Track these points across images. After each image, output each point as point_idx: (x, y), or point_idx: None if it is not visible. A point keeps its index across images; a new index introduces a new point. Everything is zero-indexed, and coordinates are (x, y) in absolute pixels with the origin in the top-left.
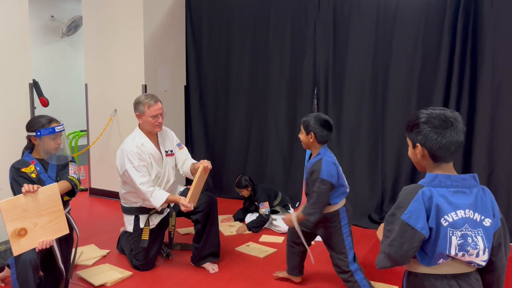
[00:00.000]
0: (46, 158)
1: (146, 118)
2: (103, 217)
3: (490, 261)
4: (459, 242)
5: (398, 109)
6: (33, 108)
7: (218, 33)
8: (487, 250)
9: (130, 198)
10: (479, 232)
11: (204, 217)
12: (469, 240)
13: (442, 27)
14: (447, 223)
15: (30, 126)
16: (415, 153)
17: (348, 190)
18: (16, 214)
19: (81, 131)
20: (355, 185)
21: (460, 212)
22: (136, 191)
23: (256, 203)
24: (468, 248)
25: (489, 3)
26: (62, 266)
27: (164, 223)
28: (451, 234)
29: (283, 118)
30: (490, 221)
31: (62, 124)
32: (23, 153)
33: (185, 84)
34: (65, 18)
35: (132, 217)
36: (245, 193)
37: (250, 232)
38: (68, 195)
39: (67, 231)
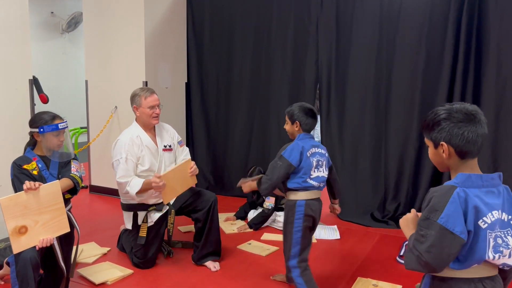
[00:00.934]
0: (48, 155)
1: (143, 110)
2: (104, 214)
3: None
4: (493, 244)
5: (402, 107)
6: (33, 104)
7: (220, 30)
8: None
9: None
10: (509, 232)
11: (205, 215)
12: (499, 241)
13: (446, 24)
14: (486, 225)
15: (33, 123)
16: (438, 153)
17: (314, 184)
18: (17, 211)
19: (81, 128)
20: (357, 183)
21: (496, 213)
22: (117, 184)
23: (263, 196)
24: (501, 249)
25: (493, 1)
26: (62, 264)
27: (163, 221)
28: (489, 237)
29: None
30: None
31: (66, 121)
32: (25, 149)
33: (186, 81)
34: (65, 15)
35: (131, 214)
36: None
37: (252, 230)
38: (69, 193)
39: (68, 230)
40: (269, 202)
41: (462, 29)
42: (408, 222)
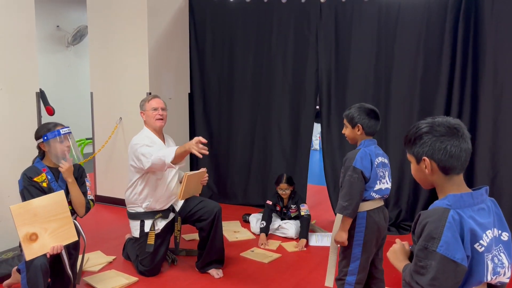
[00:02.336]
0: (57, 162)
1: (147, 113)
2: (109, 224)
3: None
4: (492, 266)
5: (401, 114)
6: (39, 117)
7: (221, 41)
8: (510, 266)
9: (135, 201)
10: (501, 248)
11: (209, 225)
12: (496, 260)
13: (443, 32)
14: (483, 248)
15: (37, 133)
16: (421, 169)
17: (376, 196)
18: (27, 219)
19: (87, 139)
20: None
21: (489, 232)
22: (150, 164)
23: (293, 205)
24: (498, 269)
25: (489, 7)
26: (70, 272)
27: (169, 228)
28: (487, 259)
29: (286, 123)
30: (507, 235)
31: (68, 127)
32: (34, 161)
33: (189, 91)
34: (71, 28)
35: (138, 222)
36: (288, 192)
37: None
38: (73, 213)
39: (76, 239)
40: (306, 209)
41: (459, 37)
42: (396, 254)
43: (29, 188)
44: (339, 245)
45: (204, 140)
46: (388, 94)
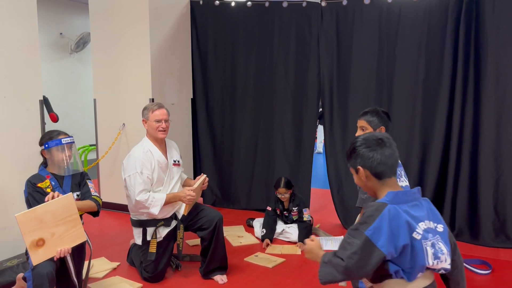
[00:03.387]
0: (58, 171)
1: (150, 123)
2: (113, 230)
3: (452, 261)
4: (432, 251)
5: (403, 117)
6: (43, 124)
7: (223, 46)
8: (449, 253)
9: (137, 210)
10: (438, 238)
11: (210, 234)
12: (437, 247)
13: (444, 34)
14: (420, 236)
15: (40, 140)
16: (359, 178)
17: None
18: (33, 226)
19: (91, 145)
20: None
21: (423, 224)
22: (131, 200)
23: (294, 208)
24: (439, 255)
25: (490, 9)
26: (75, 279)
27: (172, 236)
28: (425, 245)
29: (289, 128)
30: (442, 226)
31: (71, 137)
32: (39, 168)
33: (192, 96)
34: (74, 35)
35: (140, 229)
36: (287, 196)
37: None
38: (92, 214)
39: (84, 238)
40: (308, 214)
41: (460, 39)
42: (313, 252)
43: (34, 194)
44: None
45: (193, 194)
46: (390, 97)
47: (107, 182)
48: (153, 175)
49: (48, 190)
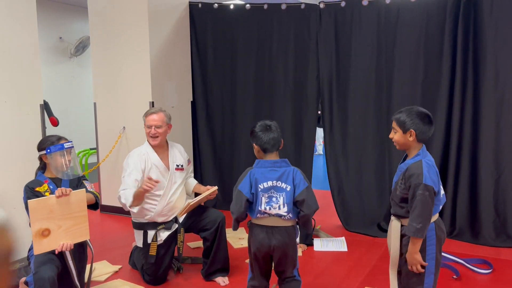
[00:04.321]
0: (58, 175)
1: (145, 128)
2: (114, 233)
3: (301, 211)
4: (266, 201)
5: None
6: (44, 128)
7: (223, 49)
8: (286, 205)
9: (137, 212)
10: (282, 194)
11: (213, 235)
12: (273, 199)
13: (443, 34)
14: (260, 189)
15: (40, 145)
16: (255, 151)
17: (441, 206)
18: (43, 214)
19: (91, 149)
20: (363, 194)
21: (270, 182)
22: (119, 196)
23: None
24: (273, 204)
25: (488, 9)
26: (77, 283)
27: (173, 239)
28: (262, 196)
29: (289, 129)
30: (290, 187)
31: (71, 142)
32: (36, 174)
33: (192, 99)
34: (73, 39)
35: (141, 232)
36: None
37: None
38: (92, 208)
39: (87, 237)
40: None
41: (458, 39)
42: None
43: (32, 198)
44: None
45: (152, 178)
46: (390, 97)
47: (107, 186)
48: (152, 177)
49: (47, 194)
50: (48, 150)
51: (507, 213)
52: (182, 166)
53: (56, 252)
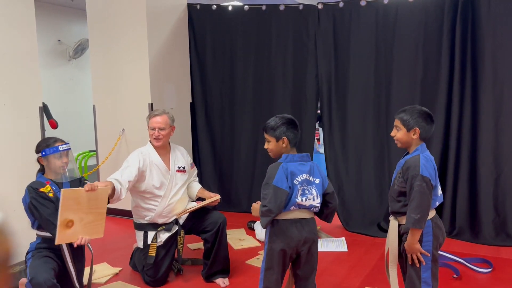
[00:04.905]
0: (56, 177)
1: (148, 130)
2: (114, 235)
3: (328, 202)
4: (301, 193)
5: None
6: (43, 130)
7: (221, 50)
8: (319, 196)
9: (138, 212)
10: (313, 187)
11: (213, 236)
12: (306, 191)
13: (441, 33)
14: (298, 182)
15: (37, 148)
16: (279, 144)
17: (437, 203)
18: (72, 205)
19: (90, 151)
20: (363, 194)
21: (303, 175)
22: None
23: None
24: (308, 195)
25: (486, 9)
26: (77, 284)
27: (174, 240)
28: (299, 188)
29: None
30: (319, 180)
31: (68, 144)
32: (37, 175)
33: (191, 101)
34: (72, 42)
35: (142, 233)
36: None
37: None
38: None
39: (101, 235)
40: None
41: (456, 39)
42: (257, 208)
43: (38, 198)
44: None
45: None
46: (389, 97)
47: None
48: (153, 176)
49: (50, 194)
50: (44, 153)
51: (506, 212)
52: (183, 168)
53: (75, 246)
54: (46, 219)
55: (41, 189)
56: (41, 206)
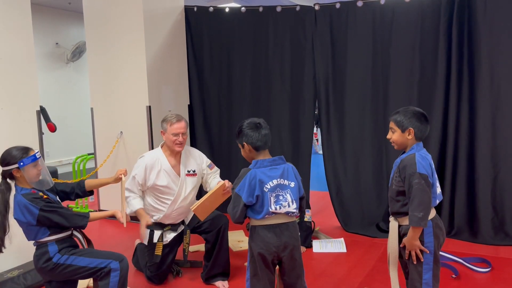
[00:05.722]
0: (35, 186)
1: (168, 136)
2: (113, 238)
3: (300, 206)
4: (274, 200)
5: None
6: (41, 134)
7: (219, 51)
8: (294, 201)
9: (147, 211)
10: (288, 191)
11: (214, 236)
12: (281, 197)
13: (438, 33)
14: (267, 189)
15: (8, 161)
16: (245, 151)
17: (437, 201)
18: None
19: (89, 154)
20: (361, 195)
21: (275, 181)
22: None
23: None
24: (282, 203)
25: (482, 9)
26: None
27: (178, 240)
28: (270, 196)
29: (286, 131)
30: (294, 183)
31: (38, 151)
32: (15, 190)
33: (189, 103)
34: (70, 45)
35: (148, 230)
36: None
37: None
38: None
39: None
40: (310, 215)
41: (453, 39)
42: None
43: (48, 204)
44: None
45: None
46: (386, 98)
47: (106, 191)
48: (163, 179)
49: (45, 197)
50: (21, 163)
51: (505, 211)
52: (194, 171)
53: (125, 225)
54: (71, 214)
55: (41, 194)
56: (58, 208)
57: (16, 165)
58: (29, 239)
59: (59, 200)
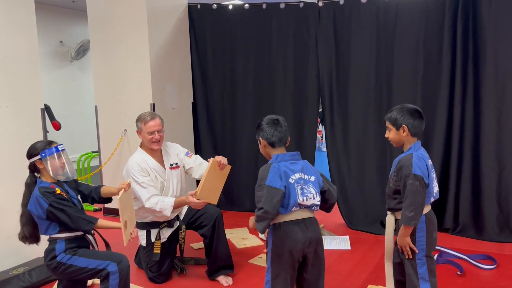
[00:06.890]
0: (58, 178)
1: (144, 135)
2: (117, 236)
3: (325, 199)
4: (301, 192)
5: None
6: (45, 132)
7: (222, 49)
8: (318, 194)
9: (140, 213)
10: (310, 185)
11: (210, 231)
12: (304, 190)
13: (442, 30)
14: (293, 180)
15: (31, 152)
16: (262, 146)
17: (433, 199)
18: (125, 207)
19: (93, 152)
20: (365, 192)
21: (297, 174)
22: (148, 206)
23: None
24: (308, 194)
25: (487, 4)
26: None
27: (175, 237)
28: (297, 188)
29: (290, 128)
30: (314, 177)
31: (62, 144)
32: (36, 182)
33: (192, 100)
34: (74, 43)
35: (144, 231)
36: None
37: None
38: (107, 201)
39: (135, 223)
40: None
41: (458, 35)
42: (253, 219)
43: (58, 200)
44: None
45: (197, 202)
46: (390, 95)
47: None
48: (154, 182)
49: (64, 195)
50: (43, 154)
51: (510, 208)
52: (176, 164)
53: (131, 239)
54: (77, 217)
55: (58, 191)
56: (66, 207)
57: (39, 156)
58: (41, 233)
59: (80, 199)
